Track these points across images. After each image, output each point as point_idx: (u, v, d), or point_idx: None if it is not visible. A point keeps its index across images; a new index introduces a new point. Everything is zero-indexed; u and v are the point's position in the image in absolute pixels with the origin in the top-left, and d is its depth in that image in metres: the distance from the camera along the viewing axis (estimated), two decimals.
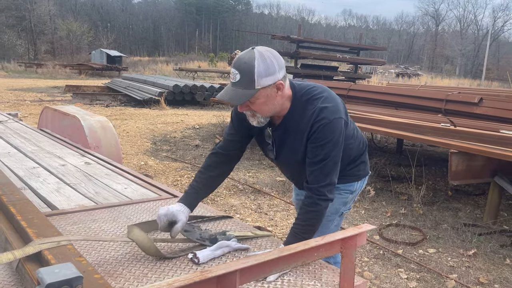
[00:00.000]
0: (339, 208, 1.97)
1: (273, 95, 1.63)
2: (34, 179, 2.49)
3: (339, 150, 1.69)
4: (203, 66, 36.85)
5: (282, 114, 1.74)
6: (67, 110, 4.19)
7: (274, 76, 1.59)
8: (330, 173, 1.67)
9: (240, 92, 1.58)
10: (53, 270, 0.76)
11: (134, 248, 1.59)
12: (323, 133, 1.65)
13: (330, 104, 1.68)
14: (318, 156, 1.66)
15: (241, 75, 1.56)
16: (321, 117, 1.65)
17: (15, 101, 12.83)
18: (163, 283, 0.94)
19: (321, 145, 1.65)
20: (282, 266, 1.16)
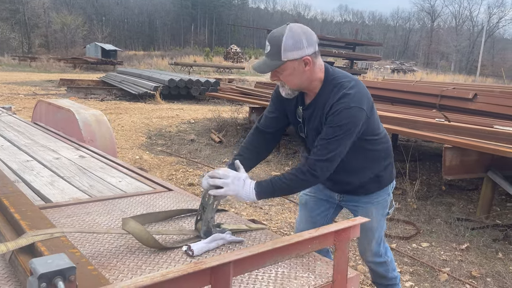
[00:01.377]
0: (384, 212, 2.11)
1: (301, 69, 1.72)
2: (28, 172, 2.48)
3: (349, 137, 1.74)
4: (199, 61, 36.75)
5: (313, 93, 1.83)
6: (61, 103, 4.17)
7: (302, 51, 1.69)
8: (331, 153, 1.72)
9: (268, 62, 1.71)
10: (46, 260, 0.76)
11: (128, 240, 1.59)
12: (339, 117, 1.71)
13: (356, 93, 1.74)
14: (328, 135, 1.73)
15: (271, 46, 1.70)
16: (342, 101, 1.72)
17: (8, 94, 12.74)
18: (157, 274, 0.94)
19: (333, 127, 1.72)
20: (276, 258, 1.16)
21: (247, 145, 1.96)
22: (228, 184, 1.64)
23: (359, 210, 2.10)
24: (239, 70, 29.37)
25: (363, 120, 1.75)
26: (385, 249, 2.23)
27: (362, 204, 2.09)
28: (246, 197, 1.68)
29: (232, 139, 7.47)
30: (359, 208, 2.10)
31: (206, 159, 6.17)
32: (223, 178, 1.64)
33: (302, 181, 1.75)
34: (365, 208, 2.08)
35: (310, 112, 1.87)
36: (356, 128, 1.74)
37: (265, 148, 2.01)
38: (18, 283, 1.24)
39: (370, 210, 2.08)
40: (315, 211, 2.21)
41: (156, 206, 2.00)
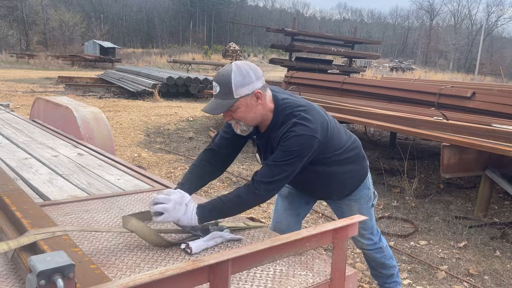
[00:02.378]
0: (368, 204, 2.15)
1: (253, 104, 1.72)
2: (26, 170, 2.48)
3: (297, 163, 1.73)
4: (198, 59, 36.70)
5: (265, 125, 1.82)
6: (59, 101, 4.16)
7: (251, 85, 1.69)
8: (277, 176, 1.71)
9: (220, 103, 1.69)
10: (45, 258, 0.76)
11: (127, 238, 1.59)
12: (288, 142, 1.71)
13: (306, 122, 1.72)
14: (277, 158, 1.73)
15: (220, 86, 1.68)
16: (292, 130, 1.72)
17: (6, 91, 12.71)
18: (156, 272, 0.95)
19: (282, 151, 1.72)
20: (274, 255, 1.16)
21: (198, 164, 1.89)
22: (169, 210, 1.57)
23: (343, 207, 2.14)
24: None
25: (315, 147, 1.75)
26: (379, 236, 2.29)
27: (346, 202, 2.13)
28: (187, 222, 1.61)
29: None
30: (343, 205, 2.14)
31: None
32: (164, 203, 1.58)
33: (245, 202, 1.73)
34: (348, 205, 2.13)
35: (264, 141, 1.87)
36: (306, 154, 1.73)
37: (219, 168, 1.94)
38: (18, 280, 1.24)
39: (354, 205, 2.12)
40: (297, 204, 2.23)
41: None
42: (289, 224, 2.21)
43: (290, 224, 2.21)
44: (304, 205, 2.23)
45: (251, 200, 1.73)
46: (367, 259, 2.38)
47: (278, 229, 2.21)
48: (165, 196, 1.59)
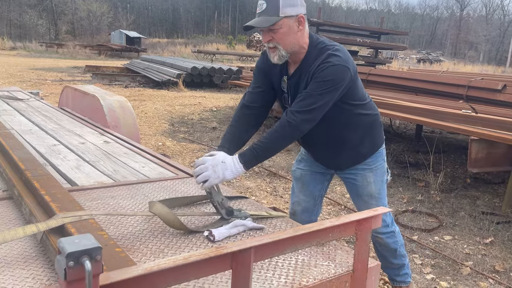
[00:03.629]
0: (383, 178, 2.14)
1: (295, 28, 1.75)
2: (55, 156, 2.55)
3: (332, 93, 1.74)
4: (222, 49, 36.74)
5: (298, 60, 1.84)
6: (87, 89, 4.25)
7: (297, 8, 1.74)
8: (312, 105, 1.72)
9: (265, 19, 1.71)
10: (74, 240, 0.78)
11: (151, 224, 1.62)
12: (324, 73, 1.73)
13: (340, 54, 1.76)
14: (312, 89, 1.74)
15: (267, 3, 1.72)
16: (327, 60, 1.74)
17: (36, 80, 13.04)
18: (180, 258, 0.96)
19: (317, 82, 1.73)
20: (296, 245, 1.16)
21: (234, 123, 1.94)
22: (209, 175, 1.62)
23: (358, 178, 2.11)
24: None
25: (347, 80, 1.77)
26: (391, 219, 2.25)
27: (360, 171, 2.10)
28: (233, 174, 1.67)
29: None
30: (358, 175, 2.11)
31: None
32: (202, 172, 1.63)
33: (282, 135, 1.74)
34: (363, 175, 2.10)
35: (295, 80, 1.88)
36: (341, 85, 1.75)
37: (252, 125, 1.97)
38: (47, 262, 1.28)
39: (369, 176, 2.09)
40: (312, 184, 2.22)
41: (178, 192, 2.03)
42: (306, 206, 2.21)
43: (308, 206, 2.21)
44: (318, 185, 2.21)
45: (288, 132, 1.74)
46: (377, 248, 2.30)
47: (295, 211, 2.22)
48: (201, 166, 1.64)
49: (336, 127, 1.95)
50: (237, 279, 1.04)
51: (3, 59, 21.19)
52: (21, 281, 1.18)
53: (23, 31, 45.89)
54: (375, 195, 2.11)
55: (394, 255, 2.26)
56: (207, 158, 1.66)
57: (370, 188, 2.10)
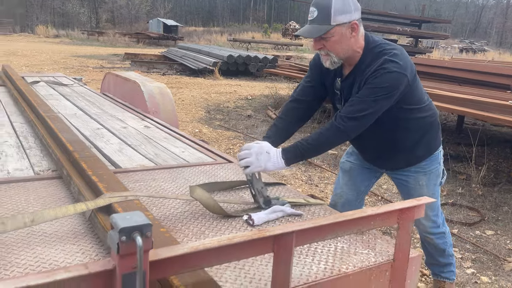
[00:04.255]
0: (437, 182, 2.06)
1: (347, 35, 1.70)
2: (99, 139, 2.63)
3: (385, 101, 1.69)
4: (257, 37, 36.64)
5: (353, 62, 1.79)
6: (128, 76, 4.35)
7: (350, 15, 1.68)
8: (363, 112, 1.68)
9: (316, 27, 1.68)
10: (125, 216, 0.81)
11: (192, 207, 1.65)
12: (378, 79, 1.67)
13: (398, 59, 1.69)
14: (364, 95, 1.68)
15: (318, 11, 1.67)
16: (383, 66, 1.67)
17: (78, 67, 13.48)
18: (224, 238, 0.98)
19: (370, 88, 1.68)
20: (337, 231, 1.16)
21: (282, 115, 1.94)
22: (252, 162, 1.64)
23: (410, 180, 2.05)
24: (297, 47, 28.96)
25: (403, 86, 1.71)
26: (442, 220, 2.18)
27: (413, 173, 2.03)
28: (274, 167, 1.68)
29: None
30: (410, 177, 2.04)
31: (262, 135, 6.22)
32: (246, 157, 1.65)
33: (329, 138, 1.72)
34: (415, 178, 2.03)
35: (348, 83, 1.83)
36: (395, 93, 1.69)
37: (300, 119, 1.97)
38: (95, 238, 1.34)
39: (422, 179, 2.02)
40: (359, 179, 2.19)
41: (217, 176, 2.06)
42: (349, 199, 2.19)
43: (350, 199, 2.19)
44: (365, 181, 2.18)
45: (335, 137, 1.72)
46: (425, 246, 2.24)
47: (337, 203, 2.19)
48: (246, 151, 1.66)
49: (389, 130, 1.89)
50: (278, 262, 1.06)
51: (47, 46, 21.99)
52: (72, 256, 1.24)
53: (66, 19, 47.44)
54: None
55: (442, 255, 2.20)
56: (254, 145, 1.68)
57: (422, 191, 2.03)
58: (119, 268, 0.79)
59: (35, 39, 28.24)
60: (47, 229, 1.39)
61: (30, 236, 1.33)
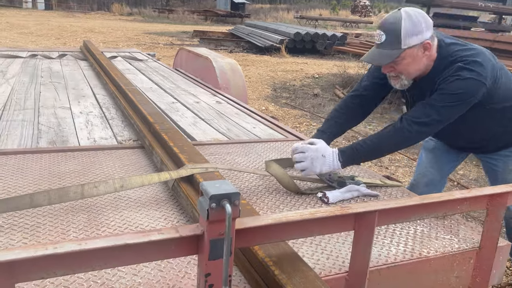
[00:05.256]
0: None
1: (420, 55, 1.60)
2: (174, 113, 2.73)
3: (456, 108, 1.58)
4: (325, 14, 35.68)
5: (424, 73, 1.69)
6: (200, 51, 4.44)
7: (421, 35, 1.56)
8: (432, 117, 1.57)
9: (385, 53, 1.58)
10: (214, 184, 0.83)
11: (266, 181, 1.67)
12: (450, 86, 1.56)
13: (474, 67, 1.56)
14: (435, 100, 1.58)
15: (386, 35, 1.56)
16: (457, 74, 1.56)
17: (150, 44, 13.98)
18: (306, 212, 0.98)
19: (441, 94, 1.57)
20: (421, 213, 1.12)
21: (340, 110, 1.84)
22: (307, 167, 1.58)
23: (498, 164, 1.92)
24: (367, 24, 27.86)
25: (479, 94, 1.57)
26: None
27: (502, 157, 1.90)
28: (330, 169, 1.60)
29: None
30: (499, 161, 1.91)
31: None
32: (301, 161, 1.58)
33: (392, 142, 1.62)
34: (505, 162, 1.90)
35: (416, 92, 1.72)
36: (469, 101, 1.56)
37: (358, 115, 1.87)
38: (176, 206, 1.40)
39: (510, 163, 1.88)
40: (444, 159, 2.08)
41: (288, 153, 2.05)
42: (432, 179, 2.10)
43: (434, 179, 2.09)
44: (450, 162, 2.08)
45: (399, 141, 1.64)
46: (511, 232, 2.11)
47: (419, 183, 2.12)
48: (301, 155, 1.60)
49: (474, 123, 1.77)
50: (358, 241, 1.04)
51: (121, 24, 23.00)
52: (155, 221, 1.31)
53: None
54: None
55: None
56: (308, 147, 1.60)
57: (510, 176, 1.90)
58: (208, 234, 0.81)
59: (110, 17, 29.63)
60: (132, 195, 1.47)
61: (117, 200, 1.42)
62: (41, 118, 2.39)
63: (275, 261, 0.98)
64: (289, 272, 0.94)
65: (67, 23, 20.26)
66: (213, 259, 0.82)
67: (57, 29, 17.20)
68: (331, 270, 1.12)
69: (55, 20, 21.93)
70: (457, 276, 1.26)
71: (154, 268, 1.06)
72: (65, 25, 19.27)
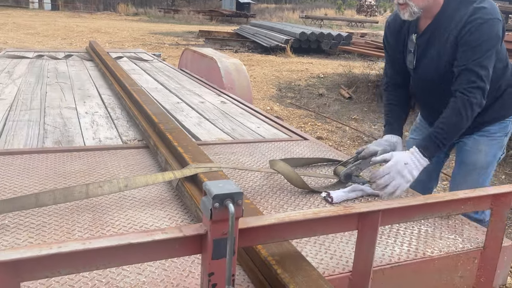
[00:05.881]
0: (497, 153, 1.86)
1: None
2: (179, 112, 2.74)
3: (493, 53, 1.55)
4: (330, 14, 35.60)
5: (431, 15, 1.66)
6: (205, 52, 4.45)
7: None
8: (482, 74, 1.54)
9: None
10: (218, 184, 0.83)
11: (270, 181, 1.67)
12: (476, 34, 1.53)
13: (487, 5, 1.55)
14: (469, 59, 1.54)
15: None
16: (475, 17, 1.53)
17: (156, 44, 14.03)
18: (309, 212, 0.98)
19: (473, 47, 1.54)
20: (425, 213, 1.12)
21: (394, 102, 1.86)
22: (400, 183, 1.48)
23: (468, 142, 1.85)
24: (372, 24, 27.78)
25: (501, 32, 1.56)
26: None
27: (473, 137, 1.84)
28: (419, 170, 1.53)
29: (362, 96, 7.22)
30: (470, 139, 1.85)
31: (334, 115, 6.10)
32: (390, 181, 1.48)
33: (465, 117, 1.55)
34: (476, 140, 1.84)
35: (425, 38, 1.69)
36: (498, 43, 1.56)
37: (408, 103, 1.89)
38: (180, 206, 1.41)
39: (482, 143, 1.83)
40: None
41: (293, 153, 2.06)
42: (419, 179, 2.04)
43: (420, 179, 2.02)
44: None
45: (470, 112, 1.56)
46: None
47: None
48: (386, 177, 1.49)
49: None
50: (362, 241, 1.04)
51: (127, 24, 23.09)
52: (159, 220, 1.31)
53: None
54: (480, 166, 1.84)
55: None
56: (387, 166, 1.51)
57: (479, 157, 1.84)
58: (211, 233, 0.82)
59: (116, 17, 29.76)
60: (136, 194, 1.48)
61: (122, 200, 1.43)
62: (47, 118, 2.41)
63: (278, 260, 0.98)
64: (292, 271, 0.94)
65: (73, 24, 20.37)
66: (216, 258, 0.82)
67: (64, 29, 17.31)
68: (335, 269, 1.12)
69: (62, 21, 22.05)
70: (461, 276, 1.26)
71: (158, 267, 1.06)
72: (71, 25, 19.38)
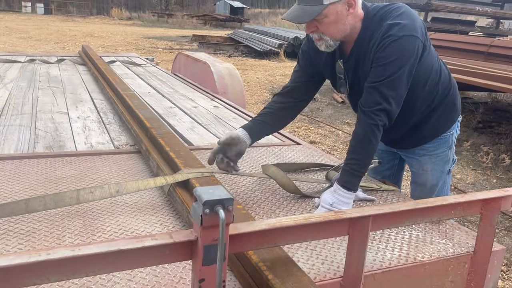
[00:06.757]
0: (444, 168, 1.79)
1: (344, 13, 1.45)
2: (172, 117, 2.73)
3: (406, 73, 1.43)
4: None
5: (353, 39, 1.54)
6: (198, 56, 4.45)
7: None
8: (389, 94, 1.42)
9: (307, 10, 1.42)
10: (208, 190, 0.83)
11: (262, 186, 1.68)
12: (387, 51, 1.42)
13: (403, 20, 1.44)
14: (379, 76, 1.43)
15: None
16: (388, 34, 1.42)
17: (149, 48, 14.01)
18: (300, 217, 0.98)
19: (383, 64, 1.42)
20: (416, 218, 1.12)
21: (270, 108, 1.70)
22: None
23: (413, 164, 1.83)
24: None
25: (418, 50, 1.45)
26: None
27: (417, 156, 1.80)
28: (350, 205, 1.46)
29: None
30: (414, 161, 1.82)
31: (327, 119, 6.13)
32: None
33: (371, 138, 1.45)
34: (419, 162, 1.80)
35: (352, 62, 1.57)
36: (411, 61, 1.43)
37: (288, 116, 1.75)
38: (172, 211, 1.40)
39: (426, 163, 1.78)
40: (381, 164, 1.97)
41: (285, 158, 2.06)
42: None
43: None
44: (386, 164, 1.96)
45: (378, 134, 1.46)
46: None
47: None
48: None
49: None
50: (353, 246, 1.04)
51: (121, 28, 23.05)
52: (151, 226, 1.31)
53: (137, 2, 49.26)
54: (431, 185, 1.81)
55: None
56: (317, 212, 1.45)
57: (427, 177, 1.81)
58: (201, 239, 0.82)
59: (110, 21, 29.70)
60: (128, 200, 1.47)
61: (113, 205, 1.42)
62: (38, 123, 2.39)
63: (269, 265, 0.98)
64: (282, 276, 0.94)
65: (66, 28, 20.30)
66: (207, 264, 0.82)
67: (56, 33, 17.24)
68: (326, 275, 1.12)
69: (54, 25, 21.97)
70: (452, 281, 1.27)
71: (149, 274, 1.06)
72: (64, 29, 19.31)
